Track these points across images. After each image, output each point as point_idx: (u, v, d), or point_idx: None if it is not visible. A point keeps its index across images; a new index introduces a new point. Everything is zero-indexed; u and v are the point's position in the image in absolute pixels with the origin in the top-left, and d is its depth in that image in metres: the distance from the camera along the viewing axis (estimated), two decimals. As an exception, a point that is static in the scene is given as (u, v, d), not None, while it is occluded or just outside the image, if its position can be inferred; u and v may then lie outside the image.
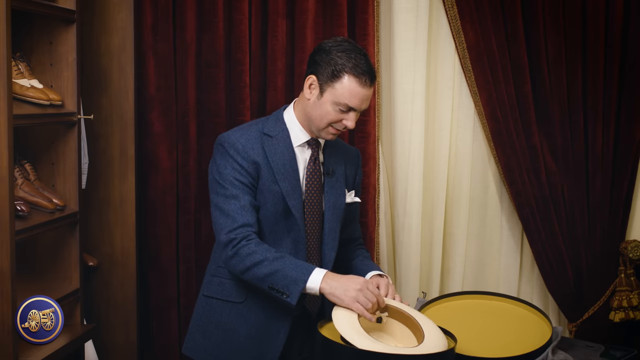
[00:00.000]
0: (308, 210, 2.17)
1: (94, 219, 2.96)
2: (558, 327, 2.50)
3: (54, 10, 2.45)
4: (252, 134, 2.15)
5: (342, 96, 2.05)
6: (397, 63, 3.03)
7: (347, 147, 2.33)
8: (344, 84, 2.04)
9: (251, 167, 2.11)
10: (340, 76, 2.04)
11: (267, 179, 2.12)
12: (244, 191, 2.09)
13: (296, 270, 2.00)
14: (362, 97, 2.06)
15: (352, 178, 2.29)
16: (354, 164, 2.30)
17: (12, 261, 2.19)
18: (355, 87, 2.04)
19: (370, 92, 2.08)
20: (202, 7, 3.01)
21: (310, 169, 2.17)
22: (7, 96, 2.15)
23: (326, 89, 2.07)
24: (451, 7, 2.97)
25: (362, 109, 2.10)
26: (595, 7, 2.95)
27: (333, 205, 2.19)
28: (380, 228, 3.12)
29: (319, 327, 2.15)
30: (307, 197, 2.17)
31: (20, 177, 2.47)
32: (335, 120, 2.09)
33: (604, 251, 3.05)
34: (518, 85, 2.99)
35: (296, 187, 2.14)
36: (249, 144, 2.12)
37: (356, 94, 2.05)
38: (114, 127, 2.93)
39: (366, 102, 2.09)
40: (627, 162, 3.01)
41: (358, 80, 2.04)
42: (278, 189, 2.12)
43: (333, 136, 2.14)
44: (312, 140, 2.18)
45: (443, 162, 3.11)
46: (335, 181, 2.21)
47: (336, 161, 2.23)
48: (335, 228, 2.20)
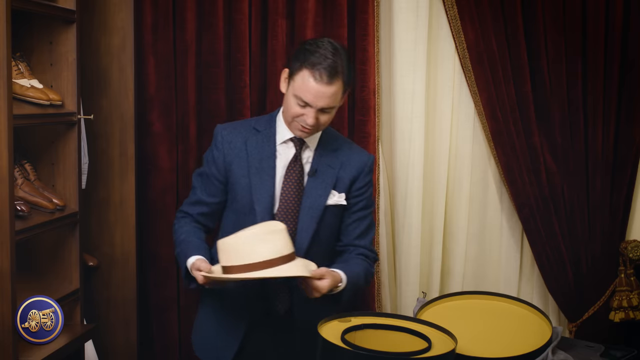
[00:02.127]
0: (282, 208, 2.18)
1: (94, 219, 2.96)
2: (558, 327, 2.51)
3: (54, 10, 2.45)
4: (242, 127, 2.24)
5: (299, 89, 2.08)
6: (397, 63, 3.03)
7: (353, 152, 2.28)
8: (302, 77, 2.08)
9: (220, 159, 2.20)
10: (300, 69, 2.09)
11: (239, 173, 2.19)
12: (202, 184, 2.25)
13: (181, 258, 2.17)
14: (316, 93, 2.07)
15: (348, 182, 2.23)
16: (354, 169, 2.24)
17: (12, 261, 2.19)
18: (310, 82, 2.06)
19: (329, 91, 2.07)
20: (202, 7, 3.01)
21: (290, 167, 2.19)
22: (7, 96, 2.15)
23: (290, 82, 2.13)
24: (451, 7, 2.97)
25: (321, 107, 2.09)
26: (595, 7, 2.95)
27: (309, 205, 2.18)
28: (380, 228, 3.12)
29: (319, 327, 2.15)
30: (282, 195, 2.18)
31: (20, 177, 2.47)
32: (297, 114, 2.11)
33: (604, 251, 3.05)
34: (518, 85, 2.99)
35: (267, 183, 2.17)
36: (231, 136, 2.21)
37: (310, 89, 2.07)
38: (114, 127, 2.92)
39: (323, 100, 2.08)
40: (627, 162, 3.01)
41: (313, 75, 2.06)
42: (247, 182, 2.17)
43: (301, 133, 2.15)
44: (296, 138, 2.20)
45: (443, 162, 3.11)
46: (318, 182, 2.19)
47: (327, 163, 2.21)
48: (308, 228, 2.18)
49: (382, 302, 3.15)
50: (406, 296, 3.10)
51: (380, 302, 3.13)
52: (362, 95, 3.04)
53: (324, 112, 2.11)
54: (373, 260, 2.32)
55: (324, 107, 2.10)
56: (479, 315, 2.57)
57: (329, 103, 2.09)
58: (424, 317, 2.54)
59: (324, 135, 2.25)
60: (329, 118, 2.15)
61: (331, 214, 2.22)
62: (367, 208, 2.29)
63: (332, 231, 2.25)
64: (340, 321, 2.28)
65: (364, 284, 2.27)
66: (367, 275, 2.26)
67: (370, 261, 2.29)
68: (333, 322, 2.27)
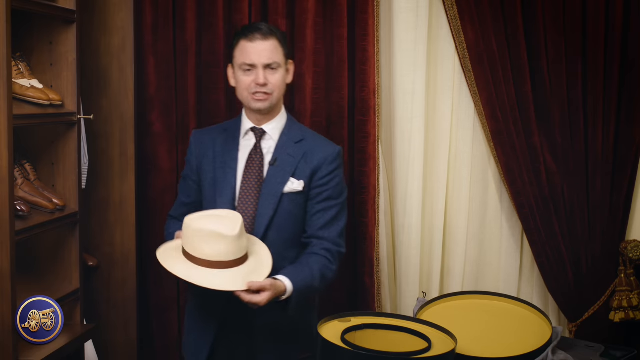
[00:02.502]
0: (242, 196, 2.27)
1: (94, 219, 2.96)
2: (558, 327, 2.51)
3: (54, 10, 2.45)
4: (214, 130, 2.42)
5: (240, 58, 2.26)
6: (397, 63, 3.03)
7: (318, 143, 2.34)
8: (239, 48, 2.27)
9: (193, 160, 2.37)
10: (236, 45, 2.28)
11: (207, 169, 2.33)
12: (182, 187, 2.42)
13: None
14: (255, 50, 2.23)
15: (309, 171, 2.28)
16: (316, 159, 2.29)
17: (12, 261, 2.19)
18: (245, 45, 2.25)
19: (265, 46, 2.24)
20: (202, 7, 3.01)
21: (250, 157, 2.30)
22: (7, 96, 2.15)
23: (234, 67, 2.31)
24: (451, 7, 2.97)
25: (265, 63, 2.24)
26: (595, 7, 2.95)
27: (267, 192, 2.25)
28: (380, 228, 3.12)
29: (319, 327, 2.15)
30: (243, 184, 2.27)
31: (20, 177, 2.47)
32: (248, 83, 2.26)
33: (604, 251, 3.05)
34: (518, 85, 2.99)
35: (229, 175, 2.29)
36: (202, 138, 2.38)
37: (248, 50, 2.24)
38: (114, 127, 2.93)
39: (264, 54, 2.24)
40: (627, 162, 3.01)
41: (245, 39, 2.25)
42: (212, 176, 2.30)
43: (260, 102, 2.27)
44: (257, 128, 2.32)
45: (443, 162, 3.11)
46: (278, 170, 2.27)
47: (289, 152, 2.29)
48: (265, 215, 2.24)
49: (382, 302, 3.15)
50: (406, 296, 3.09)
51: (380, 302, 3.13)
52: (362, 95, 3.04)
53: (271, 69, 2.25)
54: (337, 254, 2.30)
55: (268, 63, 2.24)
56: (479, 315, 2.57)
57: (270, 57, 2.24)
58: (424, 317, 2.54)
59: (287, 128, 2.33)
60: (280, 80, 2.28)
61: (289, 201, 2.27)
62: (333, 199, 2.31)
63: (293, 219, 2.29)
64: (340, 321, 2.28)
65: (319, 286, 2.24)
66: (324, 275, 2.24)
67: (331, 256, 2.27)
68: (333, 322, 2.27)
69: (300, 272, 2.18)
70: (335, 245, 2.30)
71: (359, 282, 3.11)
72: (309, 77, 3.03)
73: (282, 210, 2.25)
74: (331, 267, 2.27)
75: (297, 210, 2.28)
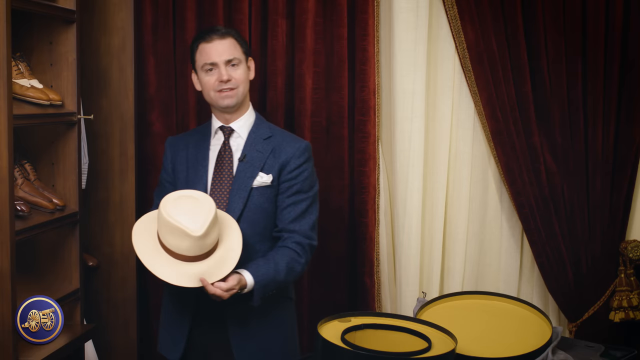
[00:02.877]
0: (214, 193, 2.34)
1: (94, 219, 2.96)
2: (558, 327, 2.50)
3: (54, 10, 2.45)
4: (188, 134, 2.51)
5: (201, 59, 2.35)
6: (397, 63, 3.03)
7: (286, 139, 2.40)
8: (199, 51, 2.36)
9: (168, 164, 2.45)
10: (195, 50, 2.37)
11: (180, 169, 2.40)
12: (159, 192, 2.44)
13: None
14: (214, 50, 2.32)
15: (277, 166, 2.34)
16: (284, 154, 2.36)
17: (12, 261, 2.19)
18: (204, 46, 2.34)
19: (223, 44, 2.33)
20: (202, 7, 3.01)
21: (220, 154, 2.37)
22: (7, 96, 2.15)
23: (197, 71, 2.40)
24: (451, 7, 2.97)
25: (225, 59, 2.32)
26: (595, 7, 2.95)
27: (237, 187, 2.32)
28: (380, 228, 3.12)
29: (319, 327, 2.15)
30: (214, 181, 2.34)
31: (20, 177, 2.47)
32: (211, 82, 2.34)
33: (604, 251, 3.04)
34: (518, 85, 2.99)
35: (201, 173, 2.36)
36: (176, 143, 2.47)
37: (207, 50, 2.33)
38: (114, 127, 2.93)
39: (224, 52, 2.32)
40: (627, 162, 3.01)
41: (205, 41, 2.34)
42: (185, 176, 2.39)
43: (226, 99, 2.34)
44: (225, 127, 2.39)
45: (443, 162, 3.10)
46: (247, 166, 2.34)
47: (257, 148, 2.36)
48: (236, 209, 2.30)
49: (382, 302, 3.15)
50: (406, 296, 3.09)
51: (380, 302, 3.13)
52: (362, 95, 3.04)
53: (232, 65, 2.34)
54: (308, 247, 2.35)
55: (229, 59, 2.33)
56: (479, 315, 2.57)
57: (230, 53, 2.33)
58: (424, 317, 2.54)
59: (256, 125, 2.40)
60: (243, 74, 2.36)
61: (259, 195, 2.33)
62: (303, 192, 2.37)
63: (263, 213, 2.35)
64: (340, 321, 2.28)
65: (284, 279, 2.30)
66: (291, 268, 2.30)
67: (301, 249, 2.33)
68: (333, 322, 2.27)
69: (263, 266, 2.25)
70: (306, 238, 2.35)
71: (359, 282, 3.11)
72: (309, 77, 3.03)
73: (251, 204, 2.32)
74: (299, 260, 2.33)
75: (267, 204, 2.34)
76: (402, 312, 3.08)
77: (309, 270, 3.11)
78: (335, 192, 3.09)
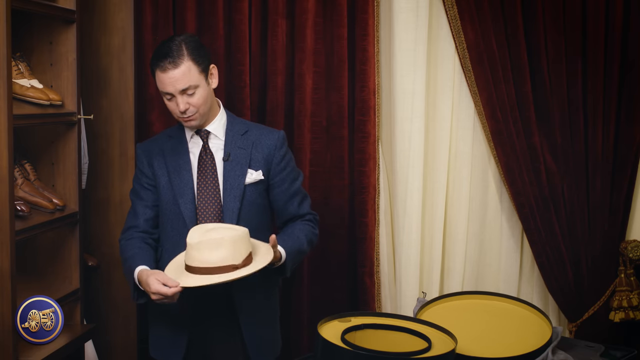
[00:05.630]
0: (201, 196, 2.34)
1: (94, 219, 2.96)
2: (558, 327, 2.51)
3: (54, 10, 2.45)
4: (158, 138, 2.45)
5: (159, 87, 2.28)
6: (397, 63, 3.03)
7: (262, 131, 2.42)
8: (156, 77, 2.28)
9: (146, 168, 2.40)
10: (154, 74, 2.29)
11: (160, 173, 2.37)
12: (138, 196, 2.41)
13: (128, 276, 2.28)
14: (168, 81, 2.24)
15: (262, 160, 2.36)
16: (265, 147, 2.37)
17: (12, 261, 2.19)
18: (160, 76, 2.26)
19: (177, 73, 2.23)
20: (202, 7, 3.01)
21: (201, 157, 2.35)
22: (7, 96, 2.15)
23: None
24: (451, 7, 2.97)
25: (181, 89, 2.24)
26: (595, 7, 2.95)
27: (230, 186, 2.32)
28: (380, 228, 3.12)
29: (319, 327, 2.15)
30: (199, 184, 2.33)
31: (20, 177, 2.47)
32: (172, 109, 2.30)
33: (604, 251, 3.05)
34: (518, 85, 2.99)
35: (185, 177, 2.34)
36: (149, 147, 2.42)
37: (163, 81, 2.25)
38: (114, 127, 2.93)
39: (177, 82, 2.24)
40: (627, 162, 3.01)
41: (159, 69, 2.25)
42: (167, 180, 2.36)
43: (189, 123, 2.30)
44: (201, 130, 2.37)
45: (443, 162, 3.11)
46: (234, 164, 2.34)
47: (238, 145, 2.36)
48: (233, 208, 2.31)
49: (382, 302, 3.15)
50: (406, 296, 3.09)
51: (380, 302, 3.13)
52: (362, 95, 3.04)
53: (188, 94, 2.26)
54: (315, 221, 2.45)
55: (184, 89, 2.25)
56: (479, 315, 2.57)
57: (185, 83, 2.24)
58: (424, 317, 2.54)
59: (230, 124, 2.40)
60: (201, 98, 2.28)
61: (253, 192, 2.35)
62: (296, 180, 2.42)
63: (258, 209, 2.38)
64: (340, 321, 2.29)
65: (306, 250, 2.39)
66: (310, 240, 2.39)
67: (314, 222, 2.44)
68: (333, 322, 2.27)
69: (288, 240, 2.31)
70: (312, 214, 2.46)
71: (359, 282, 3.11)
72: (309, 77, 3.04)
73: (246, 201, 2.34)
74: (315, 232, 2.43)
75: (259, 199, 2.38)
76: (402, 312, 3.08)
77: (309, 270, 3.11)
78: (335, 192, 3.09)
